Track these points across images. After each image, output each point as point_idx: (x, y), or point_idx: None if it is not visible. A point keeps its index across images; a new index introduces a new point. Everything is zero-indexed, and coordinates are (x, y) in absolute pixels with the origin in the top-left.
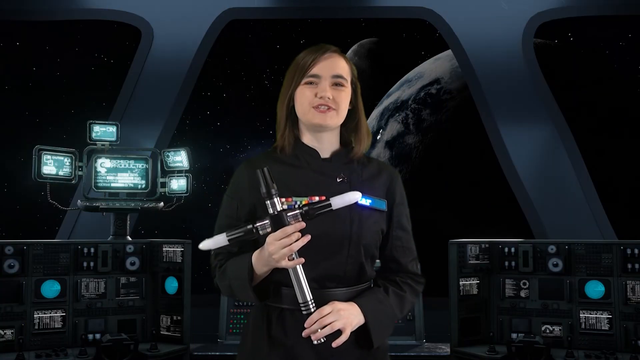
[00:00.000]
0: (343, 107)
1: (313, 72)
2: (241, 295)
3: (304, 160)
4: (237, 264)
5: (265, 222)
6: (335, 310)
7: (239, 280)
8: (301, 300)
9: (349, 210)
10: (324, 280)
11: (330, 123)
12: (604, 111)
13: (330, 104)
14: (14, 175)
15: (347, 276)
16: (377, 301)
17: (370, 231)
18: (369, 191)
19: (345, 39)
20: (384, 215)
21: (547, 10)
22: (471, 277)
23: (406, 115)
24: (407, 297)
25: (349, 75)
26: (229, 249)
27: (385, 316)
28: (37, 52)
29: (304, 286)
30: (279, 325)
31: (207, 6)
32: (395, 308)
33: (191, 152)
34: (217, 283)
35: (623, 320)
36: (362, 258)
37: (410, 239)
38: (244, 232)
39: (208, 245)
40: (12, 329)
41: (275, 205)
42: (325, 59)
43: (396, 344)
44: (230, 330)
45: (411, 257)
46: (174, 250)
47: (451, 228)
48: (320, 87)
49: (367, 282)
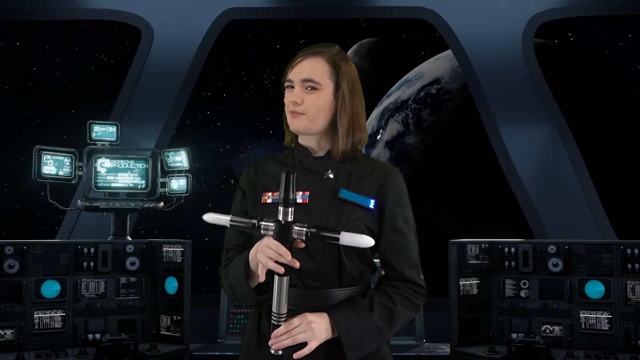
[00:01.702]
0: (314, 110)
1: (287, 78)
2: (240, 293)
3: (297, 159)
4: (237, 261)
5: (270, 225)
6: (304, 323)
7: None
8: (275, 309)
9: (328, 204)
10: (303, 274)
11: (300, 127)
12: (604, 111)
13: (297, 109)
14: (14, 175)
15: (325, 272)
16: (354, 313)
17: (350, 226)
18: (356, 189)
19: (345, 39)
20: (374, 215)
21: (547, 10)
22: (471, 277)
23: (406, 115)
24: (398, 310)
25: (325, 76)
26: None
27: (362, 331)
28: (37, 52)
29: (282, 298)
30: (267, 321)
31: (207, 6)
32: (380, 322)
33: (191, 152)
34: (223, 284)
35: (623, 320)
36: (341, 254)
37: (407, 244)
38: (246, 223)
39: (211, 218)
40: (12, 329)
41: (287, 214)
42: (297, 63)
43: (396, 344)
44: (230, 330)
45: (408, 263)
46: (174, 250)
47: (451, 228)
48: (293, 93)
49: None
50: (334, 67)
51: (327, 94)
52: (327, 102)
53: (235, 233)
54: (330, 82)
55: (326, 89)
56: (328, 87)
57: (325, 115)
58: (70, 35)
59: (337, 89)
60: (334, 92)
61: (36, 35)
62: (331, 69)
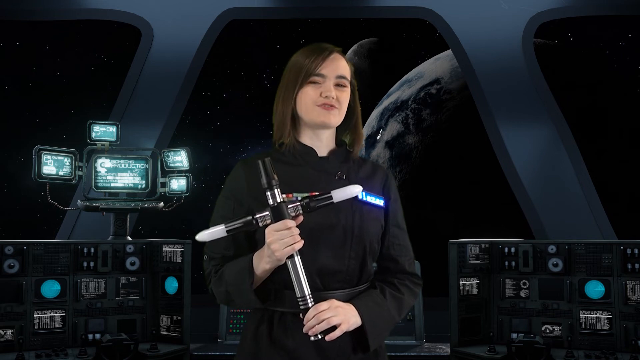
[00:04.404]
0: (345, 106)
1: (319, 72)
2: (239, 300)
3: (301, 159)
4: (235, 268)
5: (265, 214)
6: (332, 307)
7: (238, 285)
8: (299, 294)
9: (351, 204)
10: (326, 275)
11: (334, 121)
12: (604, 111)
13: (334, 103)
14: (14, 175)
15: (349, 272)
16: (375, 303)
17: (372, 226)
18: (368, 188)
19: (345, 39)
20: (382, 213)
21: (547, 10)
22: (471, 277)
23: (406, 115)
24: (405, 299)
25: (349, 75)
26: (225, 253)
27: (382, 319)
28: (37, 52)
29: (302, 280)
30: (281, 327)
31: (207, 6)
32: (392, 310)
33: (191, 152)
34: (212, 289)
35: (623, 320)
36: (365, 253)
37: (406, 238)
38: (243, 223)
39: (205, 236)
40: (12, 329)
41: (275, 196)
42: (331, 59)
43: (396, 344)
44: (230, 330)
45: (409, 257)
46: (174, 250)
47: (451, 228)
48: (325, 87)
49: (367, 283)
50: (350, 69)
51: (349, 92)
52: (348, 101)
53: (225, 242)
54: (351, 82)
55: (349, 88)
56: (349, 87)
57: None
58: (70, 35)
59: (352, 89)
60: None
61: (36, 35)
62: (350, 67)
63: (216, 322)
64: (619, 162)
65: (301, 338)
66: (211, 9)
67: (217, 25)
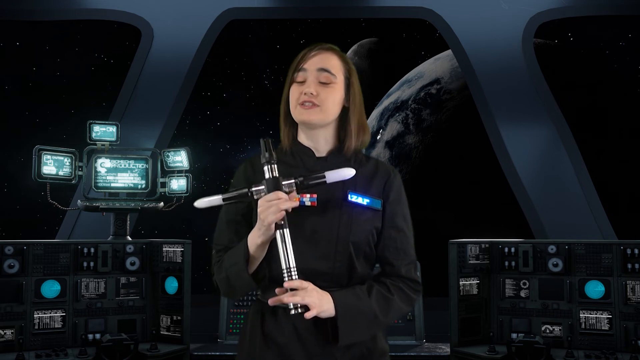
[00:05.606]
0: (329, 103)
1: (301, 67)
2: (237, 283)
3: (299, 159)
4: (232, 251)
5: (260, 187)
6: (311, 288)
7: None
8: (284, 265)
9: (340, 205)
10: (312, 276)
11: (314, 119)
12: (603, 111)
13: (313, 100)
14: (14, 175)
15: (336, 273)
16: (355, 297)
17: (361, 229)
18: (364, 190)
19: (345, 39)
20: (379, 214)
21: (547, 10)
22: (471, 277)
23: (406, 115)
24: (394, 301)
25: (339, 71)
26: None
27: (360, 313)
28: (37, 52)
29: (289, 253)
30: (272, 322)
31: (207, 6)
32: (376, 308)
33: (191, 152)
34: (216, 279)
35: (623, 320)
36: (352, 256)
37: (406, 242)
38: (239, 194)
39: (203, 203)
40: (12, 329)
41: (272, 170)
42: (313, 54)
43: (396, 344)
44: (230, 330)
45: (406, 261)
46: (174, 250)
47: (451, 228)
48: (306, 84)
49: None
50: (345, 64)
51: (339, 88)
52: (339, 97)
53: (229, 234)
54: (342, 77)
55: (339, 83)
56: (340, 82)
57: (336, 110)
58: (70, 35)
59: (347, 86)
60: (345, 89)
61: (36, 35)
62: (343, 65)
63: (216, 322)
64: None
65: (291, 334)
66: (211, 9)
67: (217, 25)
